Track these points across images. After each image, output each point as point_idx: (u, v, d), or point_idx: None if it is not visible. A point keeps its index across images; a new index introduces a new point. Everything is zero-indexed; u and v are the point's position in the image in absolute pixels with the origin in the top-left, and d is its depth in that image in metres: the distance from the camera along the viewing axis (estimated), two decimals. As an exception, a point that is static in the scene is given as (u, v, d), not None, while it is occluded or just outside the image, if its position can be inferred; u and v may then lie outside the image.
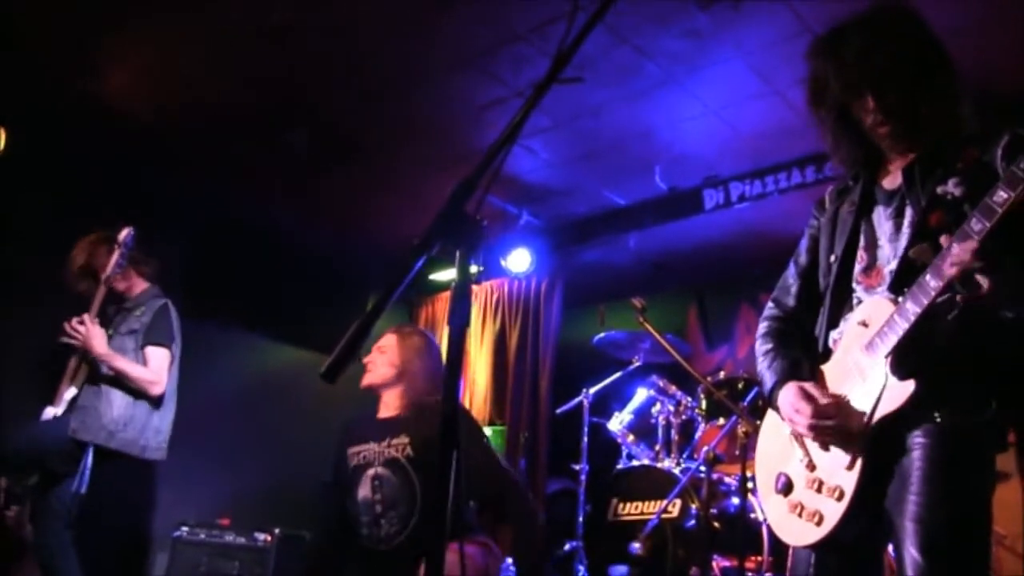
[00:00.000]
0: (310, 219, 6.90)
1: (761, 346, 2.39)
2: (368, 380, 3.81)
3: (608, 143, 5.64)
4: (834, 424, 2.02)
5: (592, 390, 5.67)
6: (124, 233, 4.37)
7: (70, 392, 4.20)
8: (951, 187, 2.00)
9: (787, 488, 2.17)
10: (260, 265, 6.79)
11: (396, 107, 5.33)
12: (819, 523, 2.03)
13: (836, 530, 2.00)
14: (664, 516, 4.48)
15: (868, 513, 1.99)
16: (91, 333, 4.18)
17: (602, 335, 5.79)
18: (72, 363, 4.25)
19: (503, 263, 6.83)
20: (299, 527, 5.02)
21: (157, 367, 4.32)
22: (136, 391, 4.27)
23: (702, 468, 4.45)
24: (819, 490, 2.06)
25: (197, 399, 4.94)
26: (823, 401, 2.06)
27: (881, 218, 2.19)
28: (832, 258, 2.27)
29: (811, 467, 2.11)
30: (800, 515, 2.10)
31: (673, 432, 5.12)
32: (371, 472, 3.64)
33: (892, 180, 2.21)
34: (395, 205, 6.36)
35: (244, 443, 6.35)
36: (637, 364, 5.78)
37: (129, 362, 4.27)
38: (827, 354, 2.21)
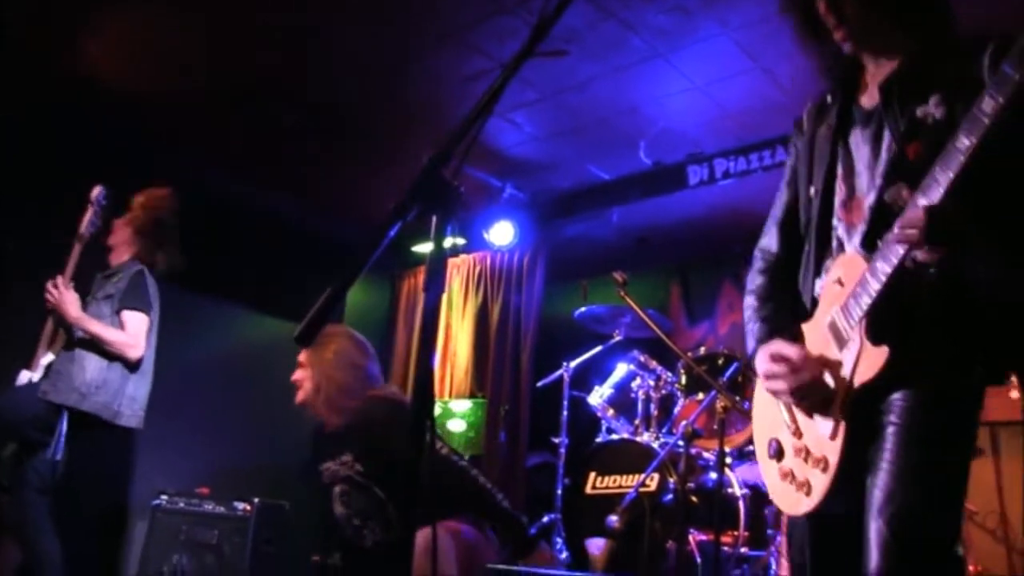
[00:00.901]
0: (295, 192, 6.88)
1: (746, 307, 2.24)
2: (299, 399, 3.77)
3: (593, 117, 5.63)
4: (805, 386, 1.92)
5: (573, 364, 5.69)
6: (96, 191, 4.36)
7: (47, 357, 4.18)
8: (932, 107, 1.82)
9: (779, 454, 2.07)
10: (244, 238, 6.77)
11: (381, 81, 5.30)
12: (808, 493, 1.94)
13: (824, 501, 1.89)
14: (642, 490, 4.50)
15: (855, 485, 1.85)
16: (63, 297, 4.16)
17: (583, 309, 5.81)
18: (48, 328, 4.24)
19: (486, 236, 6.84)
20: (279, 497, 5.03)
21: (134, 330, 4.30)
22: (111, 355, 4.25)
23: (680, 443, 4.47)
24: (806, 459, 1.96)
25: (178, 369, 4.93)
26: (795, 362, 1.94)
27: (859, 141, 2.00)
28: (812, 190, 2.08)
29: (798, 434, 2.01)
30: (791, 483, 2.00)
31: (652, 407, 5.14)
32: (337, 490, 3.62)
33: (870, 97, 2.01)
34: (380, 178, 6.34)
35: (225, 413, 6.34)
36: (618, 338, 5.81)
37: (104, 325, 4.24)
38: (813, 306, 2.05)
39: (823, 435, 1.92)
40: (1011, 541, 5.32)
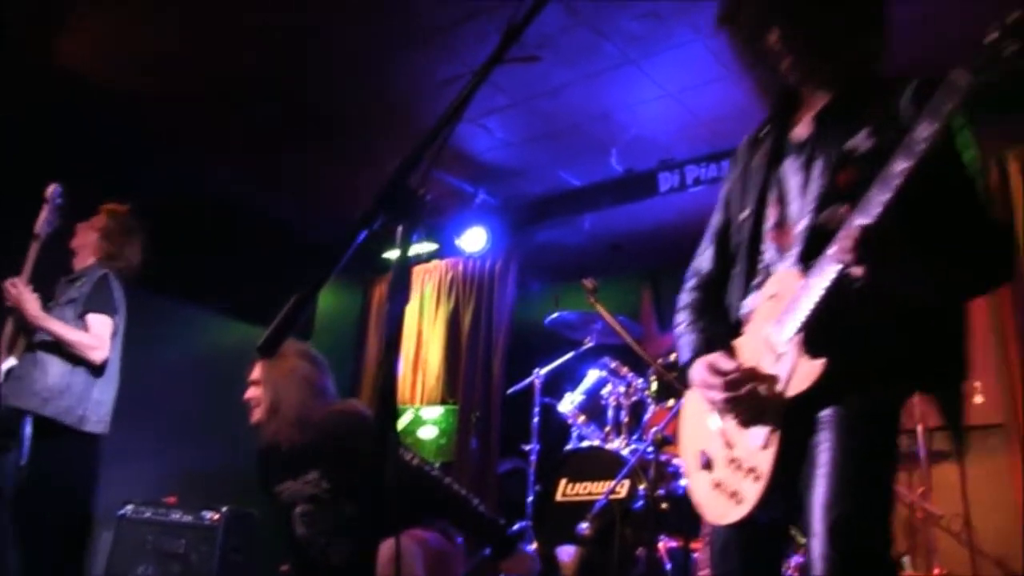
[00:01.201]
0: (269, 194, 6.84)
1: (678, 321, 2.31)
2: (255, 418, 3.65)
3: (565, 124, 5.63)
4: (746, 394, 1.97)
5: (544, 370, 5.68)
6: (51, 189, 4.30)
7: (9, 362, 4.11)
8: (861, 140, 1.92)
9: (708, 465, 2.12)
10: (216, 240, 6.70)
11: (356, 82, 5.29)
12: (738, 502, 1.99)
13: (754, 510, 1.96)
14: (612, 497, 4.50)
15: (784, 494, 1.94)
16: (22, 296, 4.09)
17: (555, 316, 5.80)
18: (8, 331, 4.17)
19: (458, 242, 6.83)
20: (247, 505, 4.98)
21: (98, 332, 4.23)
22: (75, 359, 4.18)
23: (650, 449, 4.48)
24: (737, 469, 2.02)
25: (145, 374, 4.86)
26: (734, 372, 1.99)
27: (790, 170, 2.09)
28: (743, 215, 2.17)
29: (729, 445, 2.05)
30: (721, 493, 2.06)
31: (623, 413, 5.14)
32: (298, 510, 3.54)
33: (803, 128, 2.11)
34: (355, 181, 6.31)
35: (193, 420, 6.28)
36: (589, 345, 5.80)
37: (65, 325, 4.17)
38: (741, 324, 2.13)
39: (755, 445, 1.97)
40: (976, 545, 5.36)
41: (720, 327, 2.19)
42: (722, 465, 2.08)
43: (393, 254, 7.76)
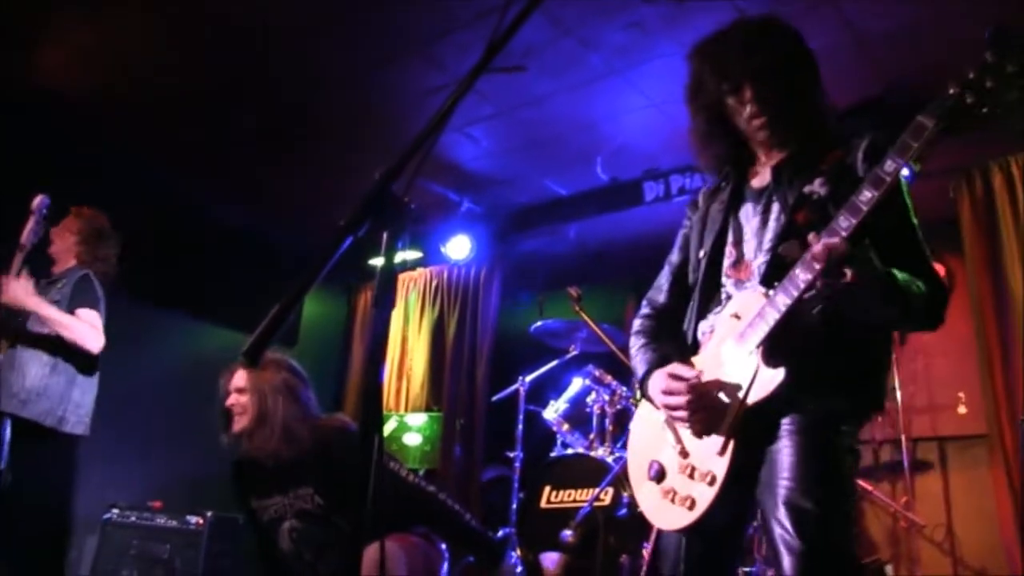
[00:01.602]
0: (251, 203, 6.85)
1: (633, 343, 2.47)
2: (238, 426, 3.57)
3: (550, 133, 5.66)
4: (703, 400, 2.10)
5: (528, 378, 5.69)
6: (38, 200, 4.29)
7: None
8: (817, 186, 2.12)
9: (660, 475, 2.21)
10: (199, 248, 6.71)
11: (339, 94, 5.31)
12: (691, 507, 2.09)
13: (707, 513, 2.06)
14: (596, 504, 4.52)
15: (738, 497, 2.06)
16: (14, 286, 4.08)
17: (539, 323, 5.82)
18: None
19: (443, 250, 6.85)
20: (233, 510, 4.97)
21: (92, 322, 4.24)
22: (55, 360, 4.17)
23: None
24: (692, 476, 2.11)
25: (130, 380, 4.86)
26: (692, 379, 2.13)
27: (749, 214, 2.28)
28: (701, 254, 2.36)
29: (684, 454, 2.16)
30: (673, 501, 2.15)
31: (607, 421, 5.15)
32: (286, 525, 3.51)
33: (761, 179, 2.31)
34: (337, 191, 6.31)
35: (177, 425, 6.24)
36: (574, 353, 5.82)
37: (63, 312, 4.17)
38: (696, 347, 2.28)
39: (711, 451, 2.07)
40: (958, 554, 5.41)
41: (673, 348, 2.34)
42: (675, 473, 2.18)
43: (378, 261, 7.75)
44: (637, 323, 2.53)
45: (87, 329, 4.20)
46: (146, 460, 6.02)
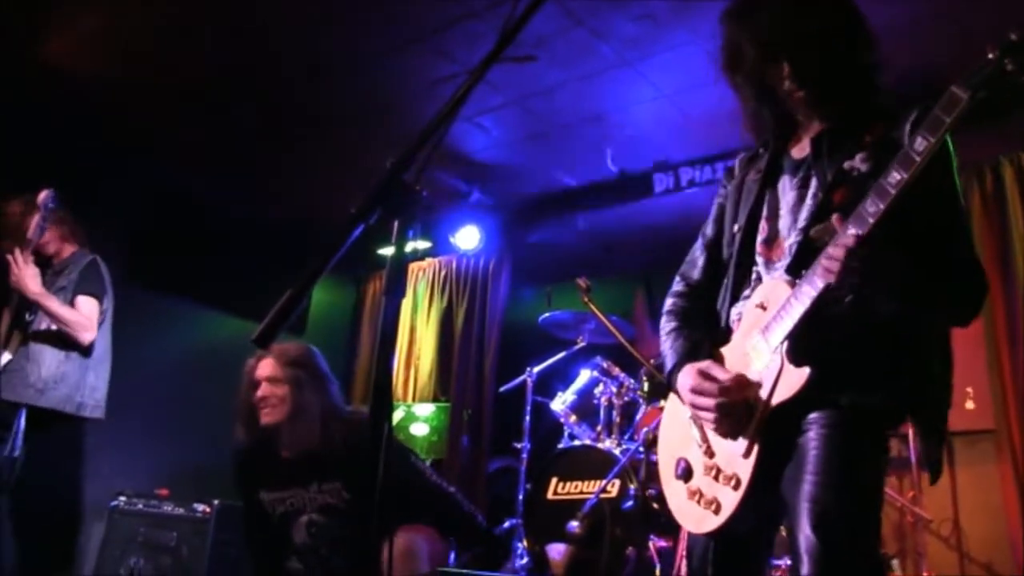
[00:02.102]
0: (260, 192, 6.84)
1: (665, 324, 2.32)
2: (269, 418, 3.46)
3: (560, 124, 5.65)
4: (734, 404, 1.98)
5: (536, 369, 5.69)
6: (43, 195, 4.28)
7: (4, 357, 4.13)
8: (858, 162, 1.96)
9: (687, 474, 2.12)
10: (209, 237, 6.73)
11: (349, 83, 5.30)
12: (716, 511, 1.99)
13: (732, 519, 1.96)
14: (603, 496, 4.52)
15: (764, 502, 1.95)
16: (24, 271, 4.10)
17: (548, 315, 5.81)
18: (4, 325, 4.18)
19: (452, 240, 6.84)
20: (238, 499, 4.98)
21: (88, 314, 4.27)
22: (68, 346, 4.22)
23: (641, 449, 4.49)
24: (716, 477, 2.01)
25: (138, 368, 4.86)
26: (724, 381, 2.00)
27: (786, 187, 2.14)
28: (736, 228, 2.22)
29: (709, 453, 2.07)
30: (699, 502, 2.06)
31: (615, 413, 5.14)
32: (304, 519, 3.46)
33: (801, 149, 2.16)
34: (347, 180, 6.31)
35: (185, 413, 6.28)
36: (582, 344, 5.82)
37: (61, 304, 4.21)
38: (728, 332, 2.16)
39: (736, 453, 1.97)
40: (965, 549, 5.39)
41: (706, 334, 2.21)
42: (701, 473, 2.08)
43: (388, 250, 7.75)
44: (669, 302, 2.38)
45: (80, 320, 4.23)
46: (153, 448, 6.04)
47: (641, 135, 5.69)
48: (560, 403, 5.31)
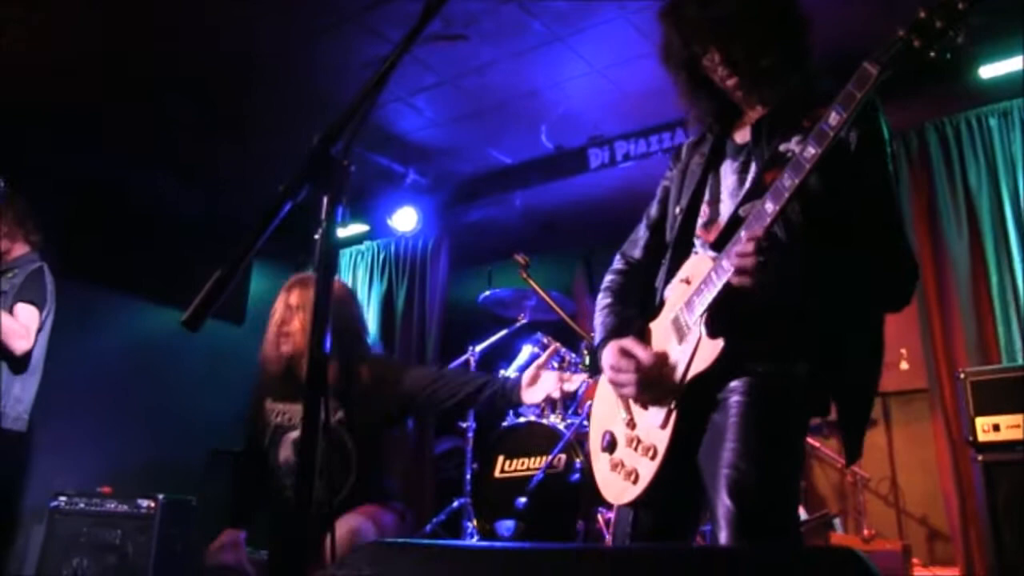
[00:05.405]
0: (190, 181, 6.72)
1: (600, 300, 2.40)
2: (291, 348, 3.51)
3: (494, 102, 5.63)
4: (650, 381, 2.04)
5: (478, 348, 5.70)
6: None
7: None
8: (793, 144, 1.99)
9: (611, 446, 2.19)
10: (143, 228, 6.60)
11: (279, 65, 5.21)
12: (635, 481, 2.06)
13: (649, 488, 2.02)
14: (549, 471, 4.55)
15: (681, 471, 2.00)
16: None
17: (488, 293, 5.82)
18: None
19: (390, 222, 6.80)
20: (185, 492, 4.92)
21: (25, 322, 4.15)
22: None
23: (586, 423, 4.52)
24: (636, 449, 2.08)
25: (76, 364, 4.76)
26: (641, 358, 2.06)
27: (727, 172, 2.20)
28: (677, 210, 2.27)
29: (631, 425, 2.13)
30: (620, 473, 2.12)
31: (558, 388, 5.16)
32: (294, 436, 3.47)
33: (743, 134, 2.21)
34: (278, 166, 6.23)
35: (126, 409, 6.18)
36: (523, 322, 5.84)
37: None
38: (661, 307, 2.21)
39: (654, 424, 2.05)
40: (902, 505, 5.54)
41: (639, 311, 2.28)
42: (623, 444, 2.15)
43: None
44: (608, 279, 2.45)
45: (15, 328, 4.11)
46: (95, 445, 5.93)
47: (575, 111, 5.70)
48: (503, 381, 5.31)
